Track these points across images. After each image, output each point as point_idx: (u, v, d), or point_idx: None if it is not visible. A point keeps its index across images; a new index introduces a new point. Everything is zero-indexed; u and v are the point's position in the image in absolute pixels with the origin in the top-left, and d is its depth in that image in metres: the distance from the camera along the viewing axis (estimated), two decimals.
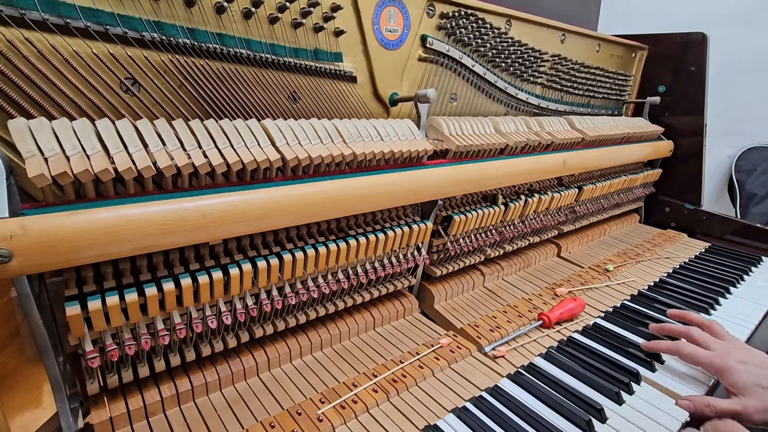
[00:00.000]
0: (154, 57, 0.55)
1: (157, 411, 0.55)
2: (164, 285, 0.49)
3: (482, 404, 0.59)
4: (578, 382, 0.65)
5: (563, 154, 0.97)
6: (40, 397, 0.67)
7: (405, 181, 0.66)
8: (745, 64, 1.85)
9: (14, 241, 0.38)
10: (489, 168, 0.80)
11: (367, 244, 0.66)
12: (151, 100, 0.56)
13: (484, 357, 0.71)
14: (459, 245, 0.84)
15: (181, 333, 0.52)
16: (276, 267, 0.57)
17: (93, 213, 0.42)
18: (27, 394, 0.63)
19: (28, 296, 0.42)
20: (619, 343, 0.75)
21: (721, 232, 1.35)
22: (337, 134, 0.62)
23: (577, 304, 0.83)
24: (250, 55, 0.62)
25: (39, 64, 0.47)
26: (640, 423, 0.58)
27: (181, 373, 0.58)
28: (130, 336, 0.49)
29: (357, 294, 0.73)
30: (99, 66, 0.51)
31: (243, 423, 0.55)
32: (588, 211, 1.18)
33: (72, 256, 0.41)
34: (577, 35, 1.18)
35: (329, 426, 0.54)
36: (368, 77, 0.78)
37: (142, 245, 0.45)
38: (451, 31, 0.86)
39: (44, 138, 0.42)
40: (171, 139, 0.48)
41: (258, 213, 0.52)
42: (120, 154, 0.45)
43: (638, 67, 1.46)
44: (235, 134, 0.53)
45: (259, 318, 0.63)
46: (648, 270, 1.08)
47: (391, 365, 0.66)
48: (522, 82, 1.06)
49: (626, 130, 1.21)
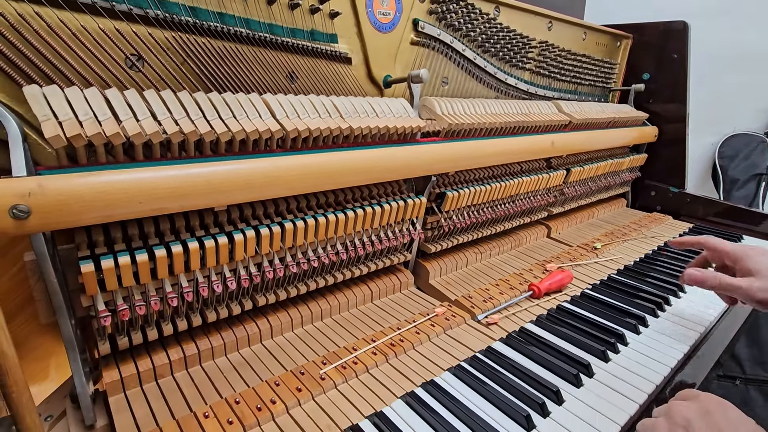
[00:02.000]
0: (158, 34, 0.57)
1: (165, 373, 0.57)
2: (173, 248, 0.51)
3: (476, 362, 0.62)
4: (567, 343, 0.68)
5: (551, 136, 1.01)
6: (48, 368, 0.69)
7: (401, 155, 0.69)
8: (725, 55, 1.91)
9: (32, 198, 0.40)
10: (480, 146, 0.83)
11: (364, 216, 0.69)
12: (155, 76, 0.58)
13: (477, 324, 0.74)
14: (453, 222, 0.87)
15: (188, 296, 0.54)
16: (278, 235, 0.59)
17: (107, 175, 0.44)
18: (37, 364, 0.65)
19: (45, 255, 0.44)
20: (606, 309, 0.79)
21: (704, 214, 1.40)
22: (335, 109, 0.65)
23: (565, 275, 0.86)
24: (249, 34, 0.64)
25: (48, 37, 0.49)
26: (625, 377, 0.61)
27: (187, 339, 0.60)
28: (140, 297, 0.52)
29: (355, 267, 0.76)
30: (105, 41, 0.53)
31: (249, 383, 0.57)
32: (576, 193, 1.22)
33: (86, 215, 0.43)
34: (564, 23, 1.21)
35: (331, 384, 0.57)
36: (362, 59, 0.80)
37: (152, 207, 0.47)
38: (441, 16, 0.89)
39: (58, 103, 0.44)
40: (177, 109, 0.51)
41: (261, 181, 0.54)
42: (129, 121, 0.47)
43: (623, 56, 1.51)
44: (238, 106, 0.56)
45: (262, 287, 0.65)
46: (634, 248, 1.12)
47: (389, 332, 0.69)
48: (511, 67, 1.10)
49: (612, 115, 1.25)
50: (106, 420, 0.53)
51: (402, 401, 0.55)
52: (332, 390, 0.57)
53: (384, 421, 0.51)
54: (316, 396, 0.56)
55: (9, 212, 0.39)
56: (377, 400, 0.55)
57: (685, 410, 0.44)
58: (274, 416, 0.52)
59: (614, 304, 0.80)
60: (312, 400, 0.55)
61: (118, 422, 0.50)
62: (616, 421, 0.53)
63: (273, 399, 0.53)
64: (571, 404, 0.56)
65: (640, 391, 0.59)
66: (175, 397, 0.54)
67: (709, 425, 0.41)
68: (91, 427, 0.53)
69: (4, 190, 0.39)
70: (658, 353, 0.67)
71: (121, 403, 0.53)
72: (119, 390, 0.54)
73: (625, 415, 0.54)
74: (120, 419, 0.50)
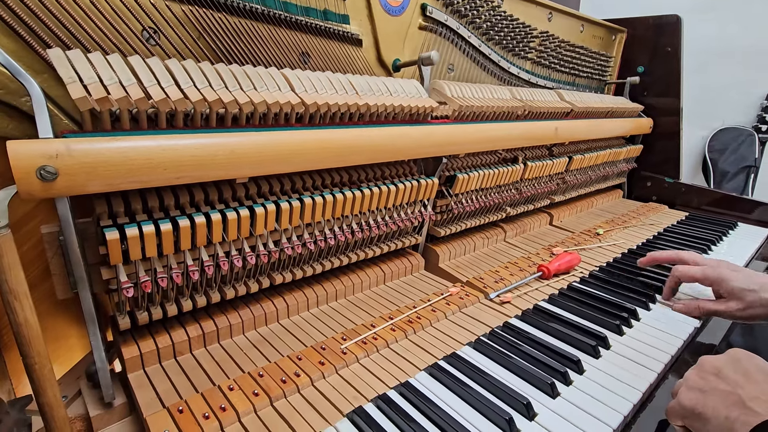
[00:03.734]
0: (175, 7, 0.57)
1: (184, 350, 0.56)
2: (196, 219, 0.50)
3: (495, 337, 0.63)
4: (581, 319, 0.69)
5: (555, 123, 1.02)
6: (59, 350, 0.67)
7: (415, 134, 0.70)
8: (713, 51, 1.96)
9: (59, 160, 0.39)
10: (489, 129, 0.84)
11: (380, 194, 0.69)
12: (171, 50, 0.57)
13: (491, 303, 0.74)
14: (462, 205, 0.88)
15: (209, 270, 0.54)
16: (298, 209, 0.59)
17: (132, 140, 0.43)
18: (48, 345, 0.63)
19: (69, 221, 0.43)
20: (616, 288, 0.80)
21: (699, 203, 1.44)
22: (351, 87, 0.65)
23: (573, 257, 0.87)
24: (264, 11, 0.64)
25: (67, 5, 0.48)
26: (640, 348, 0.62)
27: (205, 317, 0.59)
28: (162, 270, 0.51)
29: (368, 248, 0.76)
30: (124, 12, 0.53)
31: (270, 359, 0.56)
32: (577, 182, 1.24)
33: (112, 180, 0.42)
34: (563, 14, 1.24)
35: (353, 357, 0.57)
36: (373, 42, 0.81)
37: (176, 175, 0.46)
38: (449, 2, 0.90)
39: (83, 67, 0.43)
40: (200, 78, 0.50)
41: (285, 153, 0.54)
42: (153, 87, 0.46)
43: (618, 50, 1.54)
44: (259, 79, 0.55)
45: (279, 265, 0.65)
46: (635, 234, 1.14)
47: (405, 310, 0.69)
48: (513, 56, 1.11)
49: (610, 105, 1.27)
50: (124, 398, 0.52)
51: (426, 373, 0.55)
52: (355, 364, 0.57)
53: (410, 390, 0.51)
54: (340, 369, 0.55)
55: (37, 173, 0.38)
56: (401, 373, 0.55)
57: (715, 360, 0.46)
58: (299, 388, 0.51)
59: (623, 284, 0.81)
60: (336, 373, 0.55)
61: (141, 397, 0.49)
62: (637, 387, 0.54)
63: (297, 372, 0.53)
64: (592, 373, 0.57)
65: (656, 360, 0.60)
66: (197, 373, 0.53)
67: (737, 371, 0.43)
68: (109, 405, 0.52)
69: (33, 151, 0.38)
70: (670, 327, 0.68)
71: (141, 379, 0.52)
72: (138, 366, 0.53)
73: (645, 382, 0.55)
74: (142, 394, 0.49)
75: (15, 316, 0.41)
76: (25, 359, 0.43)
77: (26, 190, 0.38)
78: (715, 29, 1.96)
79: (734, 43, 1.98)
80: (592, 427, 0.47)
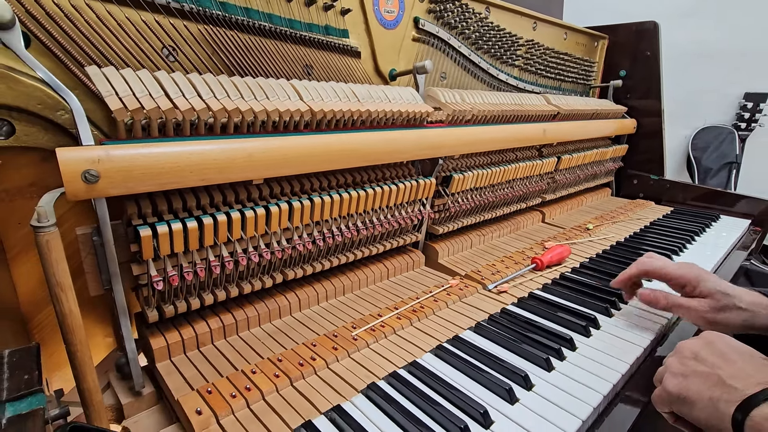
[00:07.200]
0: (192, 27, 0.62)
1: (206, 341, 0.61)
2: (218, 217, 0.55)
3: (493, 320, 0.68)
4: (573, 304, 0.74)
5: (543, 125, 1.08)
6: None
7: (413, 136, 0.75)
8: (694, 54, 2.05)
9: (101, 164, 0.44)
10: (481, 132, 0.90)
11: (382, 193, 0.74)
12: (189, 65, 0.63)
13: (489, 293, 0.79)
14: (458, 204, 0.93)
15: (229, 265, 0.58)
16: (308, 208, 0.64)
17: (162, 146, 0.48)
18: None
19: (106, 219, 0.48)
20: (605, 276, 0.85)
21: (684, 198, 1.50)
22: (353, 95, 0.71)
23: (564, 249, 0.93)
24: (271, 27, 0.70)
25: (97, 28, 0.54)
26: (627, 328, 0.67)
27: (224, 311, 0.64)
28: (187, 265, 0.55)
29: (372, 246, 0.81)
30: (146, 32, 0.58)
31: (286, 347, 0.61)
32: (567, 181, 1.30)
33: (146, 181, 0.47)
34: (547, 23, 1.31)
35: (364, 343, 0.61)
36: (370, 53, 0.87)
37: (200, 177, 0.51)
38: (439, 15, 0.97)
39: (117, 82, 0.48)
40: (219, 90, 0.55)
41: (297, 156, 0.59)
42: (179, 99, 0.51)
43: (601, 55, 1.62)
44: (271, 90, 0.61)
45: (290, 262, 0.69)
46: (623, 228, 1.20)
47: (409, 301, 0.74)
48: (502, 64, 1.18)
49: (595, 107, 1.34)
50: (152, 388, 0.56)
51: (431, 353, 0.59)
52: (365, 348, 0.61)
53: (419, 368, 0.55)
54: (352, 353, 0.60)
55: (82, 176, 0.43)
56: (408, 355, 0.59)
57: (690, 344, 0.49)
58: (316, 370, 0.56)
59: (612, 272, 0.86)
60: (348, 357, 0.59)
61: (171, 382, 0.53)
62: (625, 360, 0.59)
63: (313, 357, 0.57)
64: (583, 350, 0.61)
65: (642, 337, 0.65)
66: (220, 361, 0.57)
67: (714, 352, 0.46)
68: (138, 393, 0.56)
69: (79, 157, 0.43)
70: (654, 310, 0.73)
71: (169, 367, 0.56)
72: (165, 357, 0.57)
73: (632, 356, 0.60)
74: (171, 380, 0.54)
75: (60, 306, 0.45)
76: (69, 347, 0.47)
77: (72, 191, 0.43)
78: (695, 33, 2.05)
79: (713, 47, 2.07)
80: (584, 395, 0.52)
